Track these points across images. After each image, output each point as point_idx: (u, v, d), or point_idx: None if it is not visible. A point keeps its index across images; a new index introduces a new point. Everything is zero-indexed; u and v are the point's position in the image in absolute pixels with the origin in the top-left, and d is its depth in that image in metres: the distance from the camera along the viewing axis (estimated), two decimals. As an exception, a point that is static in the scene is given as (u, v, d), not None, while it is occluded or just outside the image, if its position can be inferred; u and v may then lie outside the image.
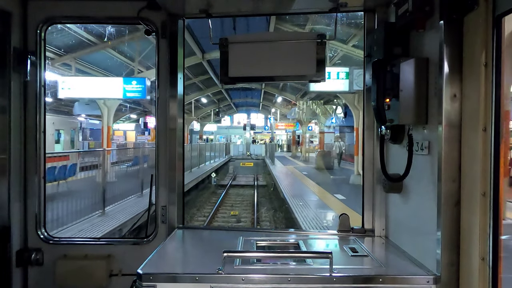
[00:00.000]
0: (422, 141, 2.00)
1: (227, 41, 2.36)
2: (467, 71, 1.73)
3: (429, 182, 1.90)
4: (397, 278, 1.84)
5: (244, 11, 2.66)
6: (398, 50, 2.12)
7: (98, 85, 15.79)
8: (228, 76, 2.38)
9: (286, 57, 2.36)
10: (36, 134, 2.66)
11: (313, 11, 2.79)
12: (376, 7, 2.49)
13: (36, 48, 2.62)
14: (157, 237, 2.69)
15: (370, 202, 2.61)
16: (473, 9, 1.65)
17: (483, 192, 1.63)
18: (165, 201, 2.71)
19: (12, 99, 2.55)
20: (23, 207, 2.66)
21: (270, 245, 2.48)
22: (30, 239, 2.69)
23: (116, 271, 2.68)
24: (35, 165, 2.67)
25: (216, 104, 41.67)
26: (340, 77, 14.70)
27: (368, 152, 2.62)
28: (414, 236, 2.14)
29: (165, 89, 2.68)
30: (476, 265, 1.66)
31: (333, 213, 11.91)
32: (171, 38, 2.66)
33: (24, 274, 2.68)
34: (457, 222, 1.77)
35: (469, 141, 1.72)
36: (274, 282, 1.82)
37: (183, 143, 2.78)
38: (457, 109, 1.77)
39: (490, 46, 1.59)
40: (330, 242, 2.59)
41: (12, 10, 2.52)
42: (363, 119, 2.68)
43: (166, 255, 2.26)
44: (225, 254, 1.82)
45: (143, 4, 2.60)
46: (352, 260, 2.10)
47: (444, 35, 1.76)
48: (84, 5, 2.66)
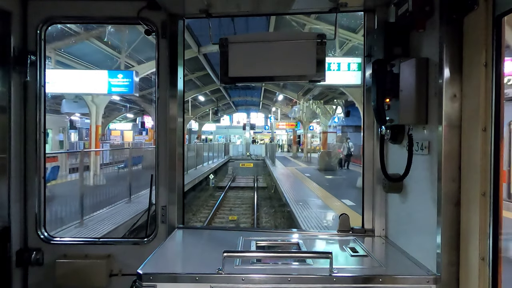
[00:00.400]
0: (422, 141, 2.00)
1: (227, 41, 2.36)
2: (467, 71, 1.73)
3: (429, 182, 1.90)
4: (397, 278, 1.84)
5: (244, 11, 2.66)
6: (398, 50, 2.12)
7: (81, 79, 13.88)
8: (228, 76, 2.38)
9: (286, 57, 2.36)
10: (36, 134, 2.66)
11: (313, 11, 2.79)
12: (376, 7, 2.49)
13: (36, 48, 2.62)
14: (157, 237, 2.69)
15: (370, 202, 2.61)
16: (473, 9, 1.65)
17: (483, 192, 1.63)
18: (165, 201, 2.71)
19: (12, 99, 2.55)
20: (23, 207, 2.66)
21: (270, 245, 2.48)
22: (30, 239, 2.69)
23: (116, 271, 2.68)
24: (35, 165, 2.67)
25: (214, 102, 40.71)
26: (352, 68, 12.91)
27: (368, 152, 2.62)
28: (414, 236, 2.14)
29: (165, 89, 2.68)
30: (476, 265, 1.66)
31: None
32: (171, 38, 2.66)
33: (24, 274, 2.68)
34: (457, 222, 1.77)
35: (469, 141, 1.72)
36: (274, 282, 1.82)
37: (183, 143, 2.79)
38: (457, 109, 1.77)
39: (490, 46, 1.59)
40: (330, 242, 2.59)
41: (12, 10, 2.52)
42: (363, 119, 2.68)
43: (166, 255, 2.26)
44: (225, 254, 1.82)
45: (143, 4, 2.60)
46: (352, 260, 2.10)
47: (444, 35, 1.76)
48: (84, 5, 2.66)
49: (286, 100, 38.07)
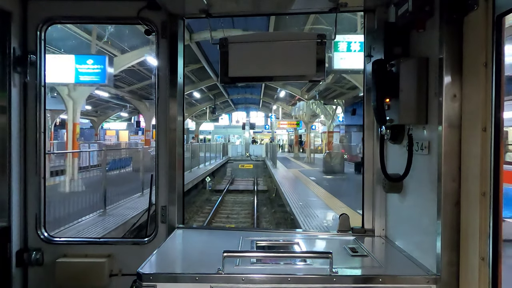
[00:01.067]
0: (422, 141, 2.00)
1: (227, 41, 2.36)
2: (467, 71, 1.73)
3: (429, 182, 1.90)
4: (397, 278, 1.84)
5: (244, 11, 2.66)
6: (398, 50, 2.13)
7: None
8: (228, 76, 2.38)
9: (286, 57, 2.36)
10: (36, 134, 2.66)
11: (313, 11, 2.79)
12: (376, 7, 2.49)
13: (36, 48, 2.62)
14: (157, 237, 2.69)
15: (370, 202, 2.61)
16: (473, 9, 1.66)
17: (483, 192, 1.63)
18: (165, 201, 2.71)
19: (12, 99, 2.55)
20: (23, 207, 2.66)
21: (270, 245, 2.48)
22: (30, 239, 2.69)
23: (116, 271, 2.68)
24: (35, 165, 2.67)
25: (211, 100, 38.25)
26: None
27: (368, 152, 2.62)
28: (414, 236, 2.14)
29: (165, 89, 2.68)
30: (476, 265, 1.66)
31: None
32: (171, 38, 2.66)
33: (24, 274, 2.68)
34: (457, 222, 1.77)
35: (469, 141, 1.72)
36: (274, 282, 1.82)
37: (183, 143, 2.79)
38: (457, 109, 1.77)
39: (490, 46, 1.59)
40: (330, 242, 2.59)
41: (12, 10, 2.52)
42: (363, 119, 2.68)
43: (166, 255, 2.26)
44: (225, 254, 1.82)
45: (143, 4, 2.60)
46: (352, 260, 2.10)
47: (444, 35, 1.76)
48: (84, 5, 2.66)
49: (288, 97, 36.76)
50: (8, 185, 2.56)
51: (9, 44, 2.52)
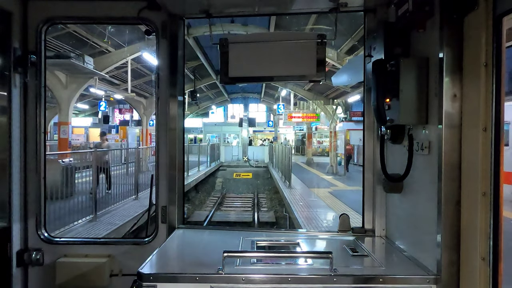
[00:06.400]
0: (422, 141, 2.00)
1: (227, 41, 2.37)
2: (467, 71, 1.73)
3: (429, 182, 1.90)
4: (397, 278, 1.84)
5: (244, 11, 2.66)
6: (398, 50, 2.13)
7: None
8: (228, 76, 2.38)
9: (286, 57, 2.36)
10: (36, 134, 2.66)
11: (313, 11, 2.79)
12: (376, 7, 2.49)
13: (36, 48, 2.62)
14: (157, 237, 2.69)
15: (370, 202, 2.61)
16: (473, 9, 1.66)
17: (483, 192, 1.63)
18: (165, 201, 2.71)
19: (12, 99, 2.55)
20: (23, 207, 2.66)
21: (270, 245, 2.48)
22: (31, 239, 2.69)
23: (116, 271, 2.68)
24: (35, 165, 2.67)
25: (196, 82, 23.54)
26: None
27: (368, 152, 2.63)
28: (414, 236, 2.14)
29: (165, 89, 2.68)
30: (477, 265, 1.66)
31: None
32: (171, 38, 2.66)
33: (25, 274, 2.68)
34: (457, 222, 1.77)
35: (469, 141, 1.72)
36: (274, 282, 1.82)
37: (183, 143, 2.79)
38: (457, 109, 1.77)
39: (490, 46, 1.59)
40: (330, 242, 2.59)
41: (12, 10, 2.52)
42: (363, 119, 2.68)
43: (167, 255, 2.26)
44: (225, 254, 1.82)
45: (143, 4, 2.60)
46: (352, 260, 2.09)
47: (444, 35, 1.76)
48: (84, 5, 2.66)
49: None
50: (9, 185, 2.56)
51: (9, 44, 2.52)
